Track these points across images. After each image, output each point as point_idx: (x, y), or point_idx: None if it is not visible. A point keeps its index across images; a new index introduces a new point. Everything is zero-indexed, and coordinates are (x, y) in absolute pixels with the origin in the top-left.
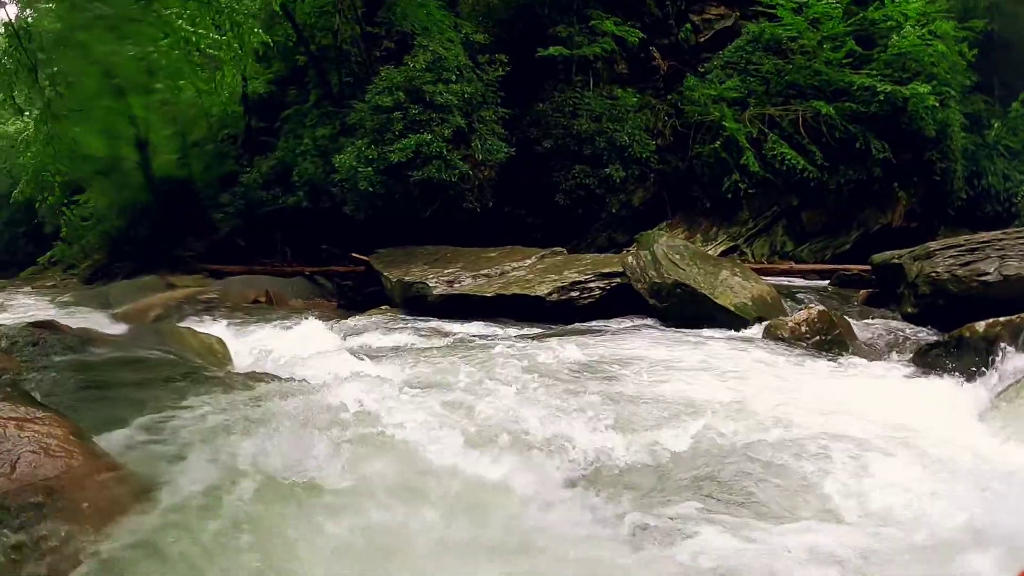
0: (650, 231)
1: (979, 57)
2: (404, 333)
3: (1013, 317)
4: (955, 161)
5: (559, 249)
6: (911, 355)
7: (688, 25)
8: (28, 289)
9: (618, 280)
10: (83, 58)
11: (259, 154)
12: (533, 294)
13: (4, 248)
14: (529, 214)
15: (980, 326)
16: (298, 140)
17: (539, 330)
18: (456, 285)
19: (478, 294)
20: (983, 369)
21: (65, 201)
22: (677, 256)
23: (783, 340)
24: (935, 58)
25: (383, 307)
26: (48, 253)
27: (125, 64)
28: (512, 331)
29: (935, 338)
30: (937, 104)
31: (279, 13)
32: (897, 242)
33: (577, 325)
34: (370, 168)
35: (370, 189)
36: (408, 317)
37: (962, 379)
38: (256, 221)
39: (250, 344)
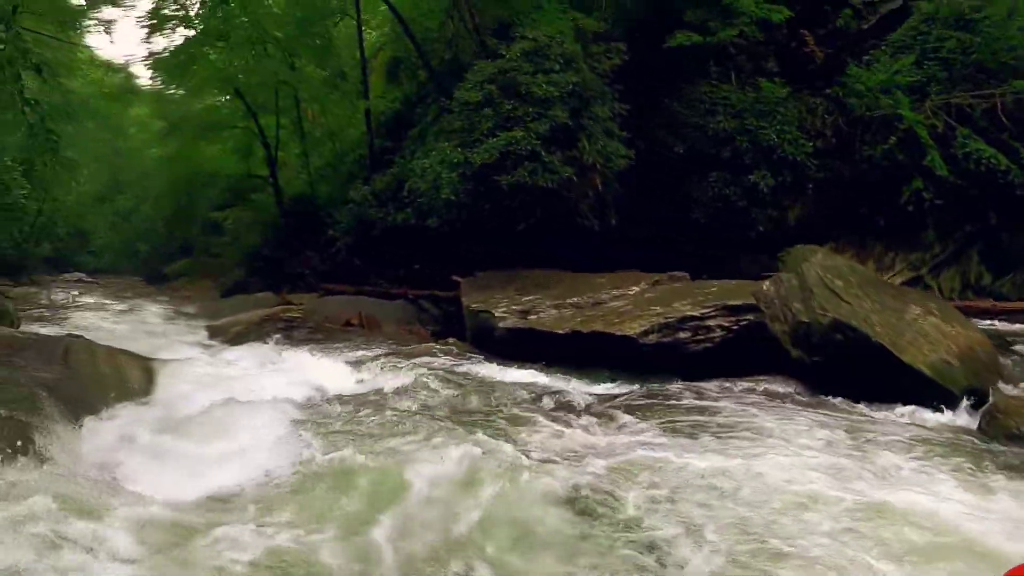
0: (802, 246)
1: None
2: (423, 379)
3: None
4: None
5: (680, 274)
6: None
7: (848, 10)
8: (166, 298)
9: (751, 317)
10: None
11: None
12: (620, 333)
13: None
14: (659, 234)
15: None
16: (413, 156)
17: (612, 390)
18: (530, 317)
19: (549, 330)
20: None
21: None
22: (839, 282)
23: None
24: None
25: (451, 340)
26: (176, 264)
27: (256, 86)
28: (579, 386)
29: None
30: None
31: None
32: None
33: (675, 387)
34: (454, 173)
35: (452, 197)
36: (467, 355)
37: None
38: (370, 240)
39: (236, 374)
